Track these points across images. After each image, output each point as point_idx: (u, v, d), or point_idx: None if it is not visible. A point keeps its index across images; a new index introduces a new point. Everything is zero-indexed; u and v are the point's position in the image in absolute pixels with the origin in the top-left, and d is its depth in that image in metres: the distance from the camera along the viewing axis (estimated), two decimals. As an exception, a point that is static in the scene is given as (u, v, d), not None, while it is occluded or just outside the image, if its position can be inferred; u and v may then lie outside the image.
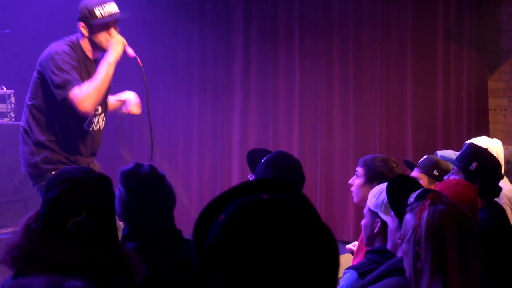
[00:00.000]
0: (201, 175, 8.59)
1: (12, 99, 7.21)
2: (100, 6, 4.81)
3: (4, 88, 7.25)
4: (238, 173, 8.34)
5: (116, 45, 4.81)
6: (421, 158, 4.97)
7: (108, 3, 4.84)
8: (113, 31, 4.85)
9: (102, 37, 4.84)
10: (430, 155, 4.91)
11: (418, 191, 3.07)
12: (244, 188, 1.58)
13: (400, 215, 2.96)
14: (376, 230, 3.39)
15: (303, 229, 1.47)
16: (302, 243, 1.45)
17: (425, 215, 2.56)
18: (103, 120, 5.04)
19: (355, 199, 4.44)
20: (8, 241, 2.38)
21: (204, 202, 8.46)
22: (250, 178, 4.11)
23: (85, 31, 4.84)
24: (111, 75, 4.78)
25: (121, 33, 4.93)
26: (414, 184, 3.31)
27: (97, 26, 4.81)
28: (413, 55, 7.97)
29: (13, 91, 7.18)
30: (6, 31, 7.58)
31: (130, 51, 4.88)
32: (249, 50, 8.46)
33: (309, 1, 8.25)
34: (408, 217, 2.65)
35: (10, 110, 7.21)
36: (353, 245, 4.38)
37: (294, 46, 8.30)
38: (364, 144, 7.99)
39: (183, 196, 7.03)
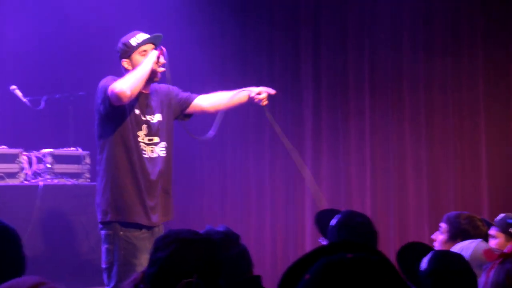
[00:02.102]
0: (274, 234, 8.58)
1: (87, 160, 7.35)
2: (133, 37, 5.12)
3: (80, 150, 7.40)
4: (311, 232, 8.30)
5: (153, 51, 5.08)
6: (497, 214, 4.89)
7: (139, 33, 5.15)
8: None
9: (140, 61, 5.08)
10: (508, 213, 4.83)
11: (429, 255, 3.02)
12: (327, 249, 1.60)
13: (413, 281, 2.92)
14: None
15: (387, 287, 1.47)
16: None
17: (492, 273, 2.56)
18: (164, 147, 5.17)
19: None
20: None
21: (278, 263, 8.45)
22: (321, 242, 4.07)
23: (128, 65, 5.09)
24: (148, 70, 4.97)
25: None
26: (426, 249, 3.26)
27: (136, 53, 5.08)
28: (485, 108, 7.89)
29: (88, 152, 7.32)
30: (80, 93, 7.74)
31: (161, 59, 5.08)
32: (319, 107, 8.49)
33: (379, 55, 8.26)
34: (482, 275, 2.64)
35: (85, 171, 7.35)
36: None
37: (365, 100, 8.29)
38: (438, 200, 7.90)
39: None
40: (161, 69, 5.08)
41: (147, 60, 5.00)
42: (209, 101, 5.37)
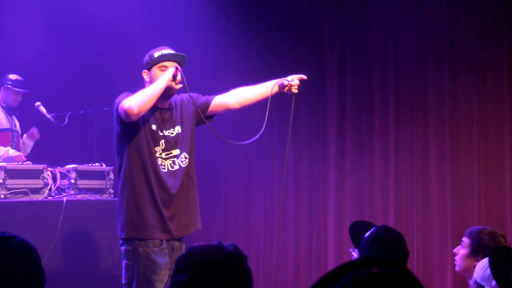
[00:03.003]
0: (297, 249, 8.59)
1: (111, 175, 7.40)
2: (158, 50, 5.14)
3: (104, 165, 7.45)
4: (334, 246, 8.30)
5: (170, 69, 5.06)
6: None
7: (165, 49, 5.16)
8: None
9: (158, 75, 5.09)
10: None
11: None
12: (353, 264, 1.62)
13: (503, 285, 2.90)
14: (482, 303, 3.33)
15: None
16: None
17: None
18: (185, 157, 5.18)
19: (457, 268, 4.38)
20: None
21: (301, 277, 8.45)
22: (352, 252, 4.07)
23: (146, 77, 5.14)
24: (162, 87, 4.96)
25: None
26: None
27: (156, 66, 5.10)
28: (510, 122, 7.85)
29: (112, 167, 7.36)
30: (105, 109, 7.79)
31: (179, 77, 5.06)
32: (344, 122, 8.49)
33: (404, 70, 8.25)
34: None
35: (109, 186, 7.39)
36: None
37: (389, 115, 8.28)
38: (462, 214, 7.86)
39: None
40: (178, 86, 5.08)
41: (162, 78, 5.00)
42: (235, 97, 5.33)
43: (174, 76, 5.02)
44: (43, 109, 7.89)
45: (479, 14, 7.98)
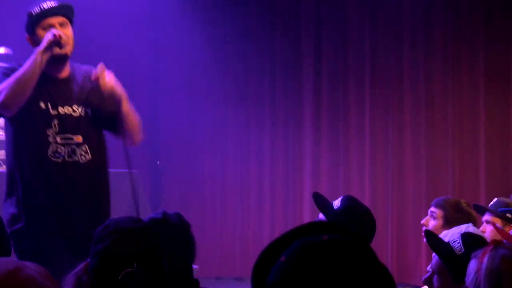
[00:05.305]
0: (273, 226, 8.59)
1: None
2: (36, 6, 4.07)
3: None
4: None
5: (46, 35, 4.00)
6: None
7: (46, 2, 4.08)
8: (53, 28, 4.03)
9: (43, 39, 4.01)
10: (500, 198, 4.80)
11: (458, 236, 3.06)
12: (303, 229, 1.59)
13: (440, 253, 2.98)
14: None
15: (362, 268, 1.46)
16: (361, 282, 1.45)
17: (485, 259, 2.56)
18: (86, 152, 4.07)
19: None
20: None
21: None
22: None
23: (30, 42, 4.11)
24: (36, 65, 3.92)
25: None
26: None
27: (39, 28, 4.04)
28: (486, 98, 7.89)
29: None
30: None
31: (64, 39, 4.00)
32: (319, 99, 8.49)
33: (380, 51, 8.25)
34: (472, 262, 2.65)
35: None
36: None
37: (365, 91, 8.29)
38: (436, 187, 7.91)
39: None
40: (66, 50, 4.04)
41: (33, 56, 3.95)
42: None
43: (56, 42, 3.99)
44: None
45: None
